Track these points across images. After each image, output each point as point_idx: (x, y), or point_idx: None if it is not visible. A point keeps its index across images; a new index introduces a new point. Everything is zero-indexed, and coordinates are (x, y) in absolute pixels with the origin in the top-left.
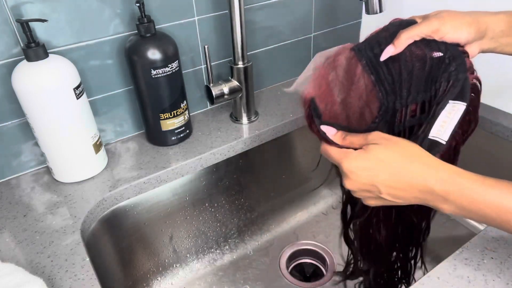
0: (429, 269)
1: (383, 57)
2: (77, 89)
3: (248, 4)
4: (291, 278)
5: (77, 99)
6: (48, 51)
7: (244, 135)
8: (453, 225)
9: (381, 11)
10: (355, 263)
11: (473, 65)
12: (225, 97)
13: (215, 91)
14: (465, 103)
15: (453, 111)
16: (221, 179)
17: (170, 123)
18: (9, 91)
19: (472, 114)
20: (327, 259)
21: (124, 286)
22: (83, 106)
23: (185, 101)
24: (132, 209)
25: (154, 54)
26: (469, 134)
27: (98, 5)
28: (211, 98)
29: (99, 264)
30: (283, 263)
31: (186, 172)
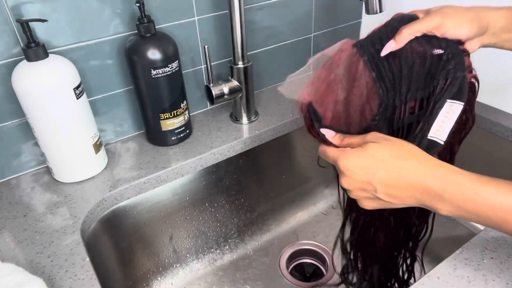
0: (429, 269)
1: (384, 52)
2: (77, 89)
3: (248, 4)
4: (291, 278)
5: (77, 99)
6: (48, 51)
7: (244, 135)
8: (453, 225)
9: (381, 11)
10: (354, 267)
11: (472, 64)
12: (225, 97)
13: (215, 91)
14: (462, 103)
15: (451, 111)
16: (221, 179)
17: (170, 123)
18: (9, 91)
19: (469, 112)
20: (327, 259)
21: (124, 286)
22: (83, 106)
23: (185, 101)
24: (132, 209)
25: (154, 54)
26: (467, 132)
27: (98, 5)
28: (211, 98)
29: (99, 264)
30: (283, 263)
31: (186, 172)
